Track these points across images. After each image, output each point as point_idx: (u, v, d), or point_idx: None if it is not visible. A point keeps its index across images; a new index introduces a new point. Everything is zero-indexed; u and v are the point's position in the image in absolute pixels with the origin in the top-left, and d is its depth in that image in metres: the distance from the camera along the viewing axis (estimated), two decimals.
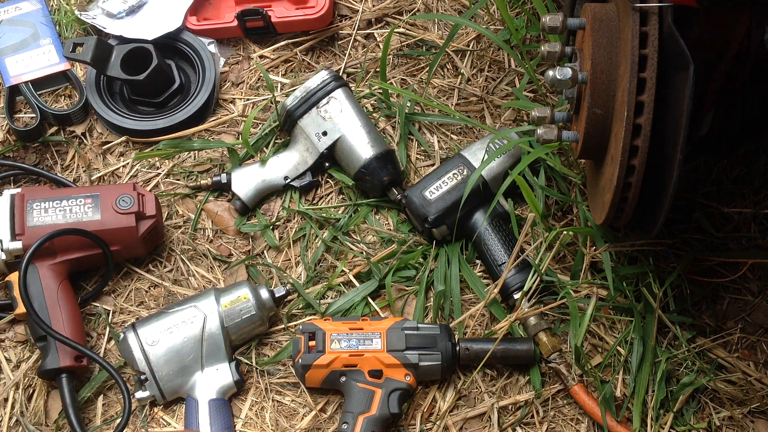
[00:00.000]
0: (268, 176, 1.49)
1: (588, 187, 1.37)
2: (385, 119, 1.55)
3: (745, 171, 1.48)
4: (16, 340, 1.42)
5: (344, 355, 1.33)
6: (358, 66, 1.59)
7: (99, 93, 1.56)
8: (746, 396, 1.34)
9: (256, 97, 1.58)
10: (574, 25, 1.19)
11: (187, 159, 1.54)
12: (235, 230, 1.49)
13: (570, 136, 1.22)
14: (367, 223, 1.48)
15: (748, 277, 1.43)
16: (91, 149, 1.55)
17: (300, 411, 1.37)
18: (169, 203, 1.51)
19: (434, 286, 1.41)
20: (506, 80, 1.58)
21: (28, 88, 1.56)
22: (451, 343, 1.34)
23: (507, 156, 1.45)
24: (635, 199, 1.17)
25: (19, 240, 1.37)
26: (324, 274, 1.45)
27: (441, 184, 1.43)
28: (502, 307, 1.40)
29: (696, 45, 1.08)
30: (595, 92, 1.16)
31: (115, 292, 1.45)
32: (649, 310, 1.35)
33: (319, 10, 1.58)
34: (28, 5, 1.63)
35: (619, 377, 1.35)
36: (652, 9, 1.09)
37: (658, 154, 1.12)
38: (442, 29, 1.62)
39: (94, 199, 1.40)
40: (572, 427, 1.35)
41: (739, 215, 1.44)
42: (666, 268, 1.38)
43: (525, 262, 1.40)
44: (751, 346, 1.40)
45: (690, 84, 1.04)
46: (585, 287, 1.39)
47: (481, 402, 1.36)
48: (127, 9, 1.60)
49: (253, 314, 1.36)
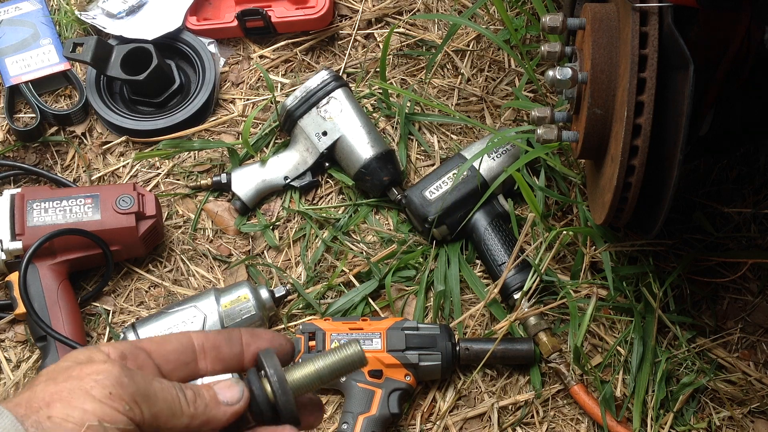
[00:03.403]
0: (268, 176, 1.49)
1: (588, 187, 1.37)
2: (385, 119, 1.55)
3: (745, 171, 1.48)
4: (16, 340, 1.42)
5: None
6: (358, 66, 1.59)
7: (99, 93, 1.56)
8: (746, 396, 1.34)
9: (256, 97, 1.58)
10: (574, 25, 1.19)
11: (187, 159, 1.54)
12: (235, 230, 1.49)
13: (570, 136, 1.22)
14: (367, 223, 1.48)
15: (748, 277, 1.43)
16: (91, 149, 1.55)
17: None
18: (169, 203, 1.51)
19: (434, 286, 1.41)
20: (506, 80, 1.58)
21: (28, 88, 1.56)
22: (451, 343, 1.34)
23: (507, 156, 1.45)
24: (635, 199, 1.17)
25: (19, 240, 1.37)
26: (324, 274, 1.45)
27: (441, 184, 1.43)
28: (502, 307, 1.40)
29: (696, 45, 1.08)
30: (595, 92, 1.16)
31: (115, 292, 1.45)
32: (649, 310, 1.35)
33: (319, 10, 1.58)
34: (28, 5, 1.63)
35: (619, 377, 1.35)
36: (652, 9, 1.09)
37: (658, 154, 1.12)
38: (442, 29, 1.62)
39: (94, 199, 1.40)
40: (572, 427, 1.35)
41: (739, 215, 1.44)
42: (666, 268, 1.38)
43: (525, 262, 1.40)
44: (751, 346, 1.40)
45: (690, 84, 1.04)
46: (585, 287, 1.39)
47: (481, 402, 1.36)
48: (127, 9, 1.60)
49: (253, 314, 1.36)
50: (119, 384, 0.63)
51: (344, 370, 0.72)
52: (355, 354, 0.72)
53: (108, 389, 0.63)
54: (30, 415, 0.61)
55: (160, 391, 0.66)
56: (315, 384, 0.71)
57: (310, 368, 0.71)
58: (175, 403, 0.66)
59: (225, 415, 0.68)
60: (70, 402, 0.62)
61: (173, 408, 0.66)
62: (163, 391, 0.66)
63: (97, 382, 0.63)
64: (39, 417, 0.61)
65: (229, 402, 0.69)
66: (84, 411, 0.62)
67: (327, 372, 0.71)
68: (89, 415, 0.62)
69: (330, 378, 0.72)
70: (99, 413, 0.62)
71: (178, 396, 0.67)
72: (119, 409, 0.62)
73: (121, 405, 0.63)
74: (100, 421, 0.62)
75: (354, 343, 0.72)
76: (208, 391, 0.69)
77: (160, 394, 0.65)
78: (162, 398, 0.65)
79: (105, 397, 0.62)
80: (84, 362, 0.65)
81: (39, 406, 0.62)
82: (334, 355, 0.72)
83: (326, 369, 0.71)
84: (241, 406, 0.69)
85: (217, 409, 0.68)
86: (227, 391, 0.69)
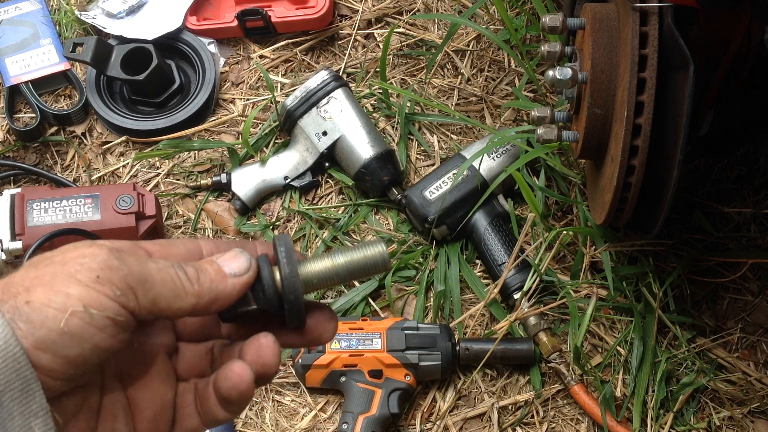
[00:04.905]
0: (268, 176, 1.49)
1: (588, 187, 1.37)
2: (385, 119, 1.55)
3: (745, 171, 1.48)
4: None
5: (344, 355, 1.33)
6: (358, 66, 1.59)
7: (99, 93, 1.56)
8: (746, 396, 1.34)
9: (256, 97, 1.58)
10: (574, 25, 1.19)
11: (187, 159, 1.54)
12: (235, 230, 1.49)
13: (570, 136, 1.22)
14: (367, 223, 1.48)
15: (748, 277, 1.43)
16: (91, 149, 1.55)
17: (300, 411, 1.37)
18: (169, 203, 1.51)
19: (434, 286, 1.41)
20: (506, 80, 1.58)
21: (28, 88, 1.56)
22: (451, 343, 1.34)
23: (507, 156, 1.45)
24: (635, 199, 1.17)
25: (19, 240, 1.37)
26: None
27: (441, 184, 1.43)
28: (502, 307, 1.40)
29: (696, 45, 1.08)
30: (595, 92, 1.16)
31: None
32: (649, 310, 1.35)
33: (319, 10, 1.58)
34: (28, 5, 1.63)
35: (619, 377, 1.35)
36: (652, 9, 1.09)
37: (658, 154, 1.12)
38: (442, 29, 1.62)
39: (94, 199, 1.40)
40: (572, 427, 1.35)
41: (739, 215, 1.44)
42: (666, 268, 1.38)
43: (525, 262, 1.40)
44: (751, 346, 1.40)
45: (690, 84, 1.04)
46: (585, 287, 1.39)
47: (481, 402, 1.36)
48: (127, 9, 1.60)
49: None
50: (108, 267, 0.56)
51: (365, 271, 0.64)
52: (378, 254, 0.63)
53: (95, 273, 0.55)
54: (6, 300, 0.54)
55: (156, 271, 0.58)
56: (330, 280, 0.64)
57: (327, 262, 0.63)
58: (176, 283, 0.58)
59: (234, 288, 0.61)
60: (52, 286, 0.54)
61: (175, 289, 0.58)
62: (161, 272, 0.58)
63: (82, 266, 0.55)
64: (17, 302, 0.54)
65: (237, 273, 0.61)
66: (67, 296, 0.54)
67: (345, 269, 0.63)
68: (73, 300, 0.54)
69: (347, 277, 0.64)
70: (85, 298, 0.54)
71: (178, 275, 0.59)
72: (108, 294, 0.55)
73: (111, 290, 0.55)
74: (86, 306, 0.54)
75: (379, 242, 0.64)
76: (212, 265, 0.61)
77: (158, 275, 0.58)
78: (160, 279, 0.58)
79: (92, 281, 0.55)
80: (69, 249, 0.57)
81: (17, 291, 0.54)
82: (355, 252, 0.64)
83: (345, 266, 0.63)
84: (250, 276, 0.61)
85: (224, 284, 0.60)
86: (233, 261, 0.61)
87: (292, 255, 0.63)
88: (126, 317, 0.56)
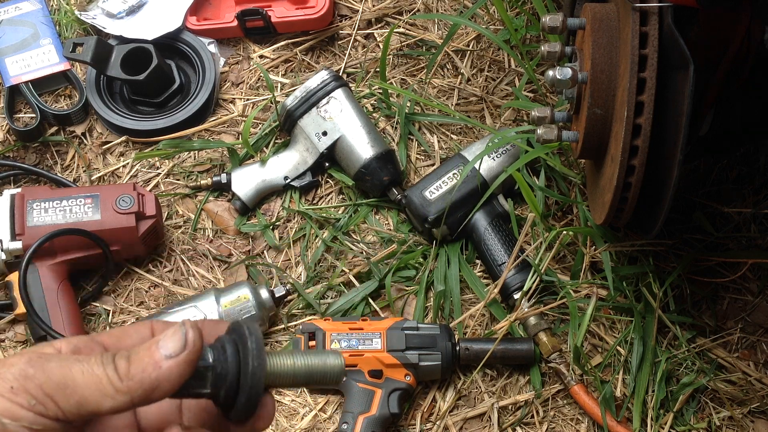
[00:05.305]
0: (268, 176, 1.49)
1: (588, 187, 1.37)
2: (385, 119, 1.55)
3: (745, 171, 1.48)
4: (16, 340, 1.42)
5: (344, 355, 1.33)
6: (358, 66, 1.59)
7: (99, 93, 1.56)
8: (746, 396, 1.34)
9: (256, 97, 1.58)
10: (574, 25, 1.19)
11: (187, 159, 1.54)
12: (235, 230, 1.49)
13: (570, 136, 1.22)
14: (367, 223, 1.48)
15: (748, 277, 1.43)
16: (91, 149, 1.55)
17: (300, 411, 1.37)
18: (169, 203, 1.51)
19: (434, 286, 1.41)
20: (506, 80, 1.58)
21: (28, 88, 1.56)
22: (451, 343, 1.34)
23: (507, 156, 1.45)
24: (635, 199, 1.17)
25: (19, 240, 1.37)
26: (324, 274, 1.45)
27: (441, 184, 1.43)
28: (502, 307, 1.40)
29: (696, 45, 1.08)
30: (595, 92, 1.16)
31: (115, 292, 1.45)
32: (649, 310, 1.35)
33: (319, 10, 1.58)
34: (28, 5, 1.63)
35: (619, 377, 1.35)
36: (652, 9, 1.09)
37: (658, 154, 1.12)
38: (442, 29, 1.62)
39: (94, 199, 1.40)
40: (572, 427, 1.35)
41: (739, 215, 1.44)
42: (666, 268, 1.38)
43: (525, 262, 1.40)
44: (751, 346, 1.40)
45: (690, 84, 1.04)
46: (585, 287, 1.39)
47: (481, 402, 1.36)
48: (127, 9, 1.60)
49: (253, 314, 1.36)
50: (23, 377, 0.56)
51: (319, 378, 0.63)
52: (336, 366, 0.63)
53: (9, 383, 0.56)
54: None
55: (80, 374, 0.57)
56: (285, 380, 0.62)
57: (287, 360, 0.61)
58: (102, 383, 0.57)
59: (172, 371, 0.57)
60: None
61: (102, 389, 0.57)
62: (85, 374, 0.57)
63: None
64: None
65: (171, 354, 0.58)
66: None
67: (302, 372, 0.62)
68: None
69: (302, 381, 0.62)
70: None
71: (106, 373, 0.57)
72: (22, 404, 0.56)
73: (25, 399, 0.56)
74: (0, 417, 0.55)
75: (338, 354, 0.64)
76: (148, 351, 0.58)
77: (80, 378, 0.57)
78: (83, 383, 0.57)
79: (6, 391, 0.56)
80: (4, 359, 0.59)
81: None
82: (315, 357, 0.63)
83: (303, 369, 0.62)
84: (187, 355, 0.58)
85: (157, 370, 0.57)
86: (168, 341, 0.58)
87: (262, 349, 0.59)
88: (45, 425, 0.57)
